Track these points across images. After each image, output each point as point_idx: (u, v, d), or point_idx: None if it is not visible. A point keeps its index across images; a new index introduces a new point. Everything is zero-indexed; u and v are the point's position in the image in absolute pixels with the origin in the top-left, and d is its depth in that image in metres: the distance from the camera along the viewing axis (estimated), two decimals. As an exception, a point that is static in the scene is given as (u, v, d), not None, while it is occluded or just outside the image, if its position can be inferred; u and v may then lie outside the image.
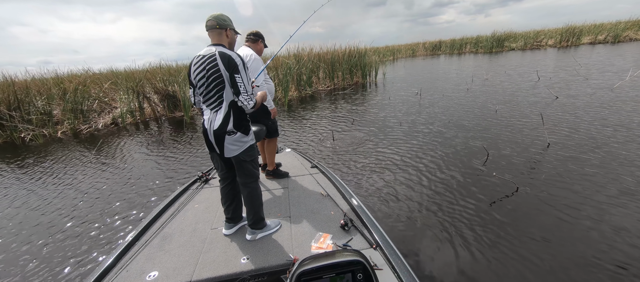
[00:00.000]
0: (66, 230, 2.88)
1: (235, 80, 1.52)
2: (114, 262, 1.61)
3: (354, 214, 1.92)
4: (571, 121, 4.76)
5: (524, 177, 3.15)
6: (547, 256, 2.02)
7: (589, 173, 3.09)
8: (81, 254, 2.45)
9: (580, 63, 10.66)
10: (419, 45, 31.67)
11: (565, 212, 2.48)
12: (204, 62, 1.55)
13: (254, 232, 1.78)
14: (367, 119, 6.31)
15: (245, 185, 1.74)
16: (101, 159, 5.22)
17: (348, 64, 12.00)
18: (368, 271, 0.98)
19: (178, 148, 5.42)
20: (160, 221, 2.02)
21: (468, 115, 5.77)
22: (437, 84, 10.06)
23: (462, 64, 16.38)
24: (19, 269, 2.34)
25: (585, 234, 2.21)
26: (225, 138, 1.59)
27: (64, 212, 3.30)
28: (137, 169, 4.49)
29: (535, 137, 4.25)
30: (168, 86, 8.66)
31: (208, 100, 1.61)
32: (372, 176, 3.52)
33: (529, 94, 6.97)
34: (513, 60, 15.37)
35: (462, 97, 7.43)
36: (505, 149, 3.96)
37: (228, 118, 1.58)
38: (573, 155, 3.55)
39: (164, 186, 3.75)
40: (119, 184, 3.96)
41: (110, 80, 9.09)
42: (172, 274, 1.50)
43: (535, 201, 2.69)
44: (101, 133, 7.38)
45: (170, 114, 8.67)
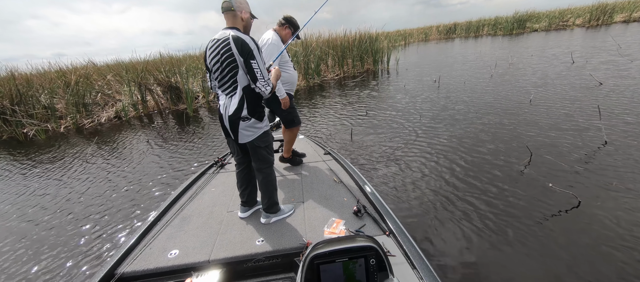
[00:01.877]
0: (87, 218, 2.95)
1: (252, 66, 1.48)
2: (138, 239, 1.68)
3: (367, 201, 1.90)
4: (627, 112, 3.99)
5: (583, 187, 2.52)
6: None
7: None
8: (103, 237, 2.58)
9: (619, 43, 9.43)
10: (432, 28, 29.97)
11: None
12: (219, 46, 1.51)
13: (268, 216, 1.81)
14: (382, 110, 5.69)
15: (260, 170, 1.75)
16: (105, 156, 4.88)
17: (358, 50, 11.18)
18: (381, 256, 0.97)
19: (179, 144, 5.00)
20: (180, 203, 2.08)
21: (496, 106, 5.05)
22: (456, 70, 9.18)
23: (480, 48, 15.16)
24: (54, 247, 2.52)
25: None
26: (240, 124, 1.58)
27: (86, 201, 3.21)
28: (138, 167, 4.10)
29: (586, 133, 3.55)
30: (170, 77, 8.21)
31: (223, 86, 1.59)
32: (389, 170, 2.97)
33: (565, 80, 6.11)
34: (537, 42, 14.06)
35: (487, 85, 6.64)
36: (550, 147, 3.30)
37: (242, 103, 1.56)
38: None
39: (167, 184, 3.33)
40: (124, 182, 3.57)
41: (112, 72, 8.72)
42: (192, 252, 1.56)
43: (604, 229, 2.09)
44: (104, 128, 7.10)
45: (173, 107, 8.29)
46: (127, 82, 7.87)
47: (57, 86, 7.77)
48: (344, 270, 0.96)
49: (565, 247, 1.92)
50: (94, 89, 8.20)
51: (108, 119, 7.68)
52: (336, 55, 11.10)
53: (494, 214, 2.32)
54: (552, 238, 2.01)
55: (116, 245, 2.42)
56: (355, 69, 11.36)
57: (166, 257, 1.55)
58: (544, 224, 2.16)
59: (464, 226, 2.22)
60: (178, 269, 1.49)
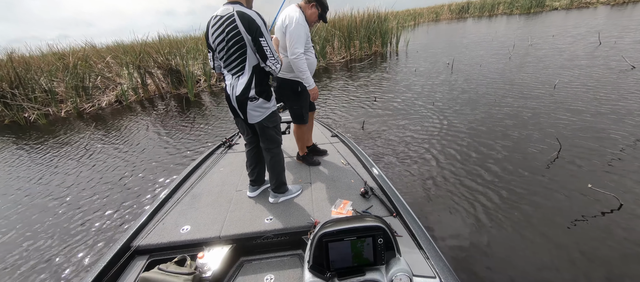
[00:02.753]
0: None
1: (261, 44, 1.41)
2: (151, 215, 1.72)
3: (375, 182, 1.90)
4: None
5: (623, 187, 2.22)
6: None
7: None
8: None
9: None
10: (443, 7, 28.44)
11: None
12: (223, 24, 1.41)
13: (276, 196, 1.82)
14: (392, 96, 5.32)
15: (268, 150, 1.74)
16: (108, 141, 4.71)
17: (366, 31, 10.56)
18: (389, 236, 0.99)
19: (178, 131, 4.78)
20: (189, 182, 2.12)
21: (517, 91, 4.64)
22: (471, 52, 8.60)
23: (496, 28, 14.25)
24: (67, 226, 2.62)
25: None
26: (248, 104, 1.54)
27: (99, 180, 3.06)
28: (141, 154, 3.92)
29: (621, 122, 3.17)
30: (170, 60, 7.89)
31: (229, 65, 1.52)
32: (402, 163, 2.70)
33: (592, 63, 5.59)
34: (558, 21, 13.11)
35: (505, 69, 6.15)
36: (580, 139, 2.96)
37: (250, 83, 1.51)
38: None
39: (167, 170, 3.15)
40: (128, 168, 3.41)
41: (111, 54, 8.42)
42: (203, 228, 1.60)
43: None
44: (105, 112, 6.92)
45: (175, 91, 8.02)
46: (126, 65, 7.58)
47: (56, 69, 7.55)
48: (352, 248, 0.97)
49: (602, 258, 1.65)
50: (94, 71, 7.94)
51: (109, 103, 7.49)
52: (343, 37, 10.52)
53: (512, 208, 2.14)
54: (586, 244, 1.74)
55: (129, 221, 2.53)
56: (362, 51, 10.79)
57: (178, 232, 1.59)
58: (577, 228, 1.89)
59: (480, 218, 2.10)
60: (190, 244, 1.53)
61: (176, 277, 1.22)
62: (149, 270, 1.33)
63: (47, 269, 2.11)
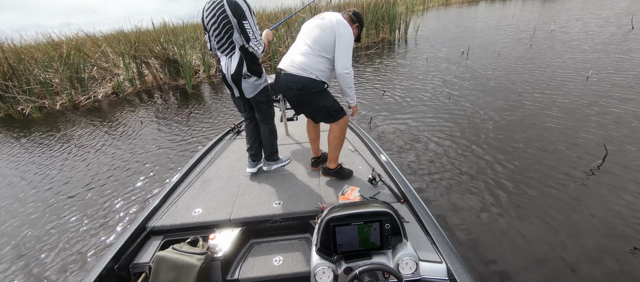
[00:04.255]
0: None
1: (244, 26, 1.51)
2: (164, 198, 1.78)
3: (382, 169, 1.91)
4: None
5: None
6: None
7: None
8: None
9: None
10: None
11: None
12: (214, 7, 1.54)
13: (269, 164, 1.98)
14: (402, 88, 4.83)
15: (264, 122, 1.88)
16: (106, 136, 4.39)
17: (374, 17, 9.88)
18: (396, 222, 1.01)
19: (174, 126, 4.42)
20: (200, 167, 2.16)
21: (542, 84, 4.11)
22: (486, 39, 7.93)
23: (511, 12, 13.30)
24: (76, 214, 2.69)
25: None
26: (242, 81, 1.66)
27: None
28: (136, 150, 3.59)
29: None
30: (167, 50, 7.45)
31: (221, 46, 1.63)
32: (419, 166, 2.31)
33: (625, 51, 4.97)
34: (579, 4, 12.12)
35: (527, 58, 5.56)
36: (626, 144, 2.49)
37: (242, 63, 1.62)
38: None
39: (163, 167, 2.82)
40: (124, 164, 3.10)
41: (106, 43, 8.00)
42: (214, 211, 1.65)
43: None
44: (102, 105, 6.59)
45: (173, 82, 7.62)
46: (121, 55, 7.18)
47: (50, 59, 7.20)
48: (359, 232, 0.99)
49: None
50: (90, 62, 7.57)
51: (105, 95, 7.14)
52: (349, 23, 9.87)
53: (529, 205, 1.94)
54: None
55: (148, 199, 2.63)
56: (369, 38, 10.15)
57: (190, 214, 1.63)
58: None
59: (491, 210, 2.01)
60: (202, 226, 1.58)
61: (189, 256, 1.26)
62: (163, 249, 1.36)
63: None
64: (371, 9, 9.82)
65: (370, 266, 0.92)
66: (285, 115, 2.69)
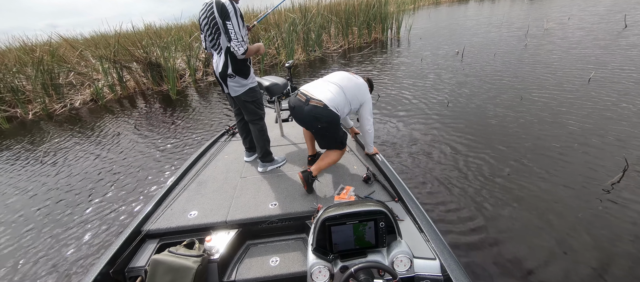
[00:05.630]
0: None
1: (227, 27, 1.60)
2: (159, 201, 1.78)
3: (377, 169, 1.95)
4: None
5: None
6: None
7: None
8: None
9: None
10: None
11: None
12: (206, 10, 1.68)
13: (264, 165, 2.05)
14: (397, 91, 4.66)
15: (252, 122, 1.95)
16: (80, 148, 4.03)
17: (365, 17, 9.63)
18: (390, 220, 1.03)
19: (154, 137, 4.10)
20: (195, 169, 2.18)
21: (544, 87, 3.99)
22: (480, 38, 7.84)
23: (501, 11, 13.34)
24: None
25: None
26: (227, 80, 1.77)
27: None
28: (116, 165, 3.27)
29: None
30: (151, 53, 7.03)
31: (213, 46, 1.77)
32: (419, 184, 2.16)
33: (622, 51, 4.87)
34: (567, 2, 12.17)
35: (523, 58, 5.46)
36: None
37: (227, 62, 1.72)
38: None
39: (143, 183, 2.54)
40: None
41: (83, 48, 7.51)
42: (210, 214, 1.65)
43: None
44: (80, 113, 6.17)
45: (156, 87, 7.24)
46: (100, 59, 6.73)
47: (22, 65, 6.69)
48: (354, 231, 1.02)
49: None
50: (66, 67, 7.08)
51: (83, 103, 6.72)
52: (340, 23, 9.62)
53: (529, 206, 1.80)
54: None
55: (144, 202, 2.57)
56: (361, 39, 9.93)
57: (186, 217, 1.64)
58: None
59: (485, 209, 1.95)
60: (198, 228, 1.59)
61: (186, 259, 1.26)
62: (159, 253, 1.36)
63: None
64: (363, 9, 9.58)
65: (365, 263, 0.94)
66: (280, 116, 2.69)
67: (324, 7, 9.53)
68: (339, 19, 9.66)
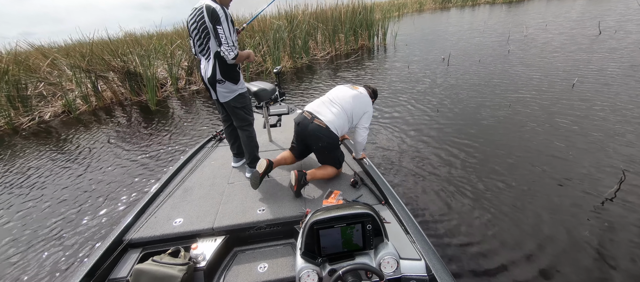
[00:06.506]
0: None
1: (217, 31, 1.61)
2: (142, 209, 1.73)
3: (364, 173, 1.97)
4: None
5: None
6: None
7: None
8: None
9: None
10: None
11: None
12: (196, 14, 1.66)
13: (252, 170, 1.96)
14: (386, 99, 4.63)
15: (241, 128, 1.95)
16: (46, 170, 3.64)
17: (352, 24, 9.62)
18: (377, 223, 1.05)
19: (132, 150, 3.80)
20: (181, 175, 2.12)
21: (529, 92, 4.09)
22: (464, 44, 7.98)
23: (481, 17, 13.80)
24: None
25: None
26: (216, 86, 1.76)
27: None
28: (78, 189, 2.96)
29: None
30: (128, 62, 6.65)
31: (201, 51, 1.75)
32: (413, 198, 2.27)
33: (601, 57, 5.04)
34: (541, 10, 12.85)
35: (507, 64, 5.55)
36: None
37: (216, 68, 1.71)
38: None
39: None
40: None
41: (54, 56, 7.04)
42: (196, 221, 1.61)
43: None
44: (51, 126, 5.71)
45: (136, 97, 6.85)
46: (72, 69, 6.29)
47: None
48: (342, 234, 1.02)
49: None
50: (35, 77, 6.58)
51: (54, 115, 6.25)
52: (326, 30, 9.56)
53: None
54: None
55: (127, 210, 2.44)
56: (348, 46, 9.91)
57: (171, 225, 1.60)
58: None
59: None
60: (183, 236, 1.55)
61: (170, 268, 1.22)
62: (142, 262, 1.31)
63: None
64: (349, 16, 9.57)
65: (353, 266, 0.95)
66: (269, 122, 2.66)
67: (310, 14, 9.46)
68: (325, 25, 9.62)
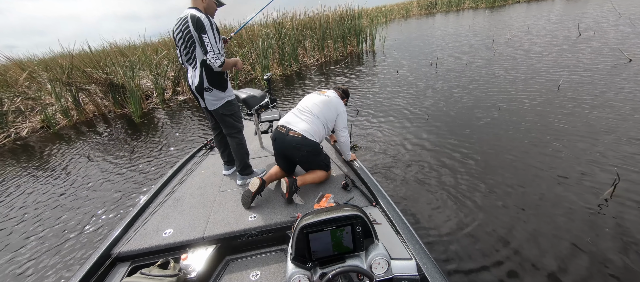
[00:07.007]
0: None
1: (203, 40, 1.62)
2: (131, 222, 1.69)
3: (355, 175, 1.97)
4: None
5: None
6: None
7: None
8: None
9: (620, 12, 8.61)
10: (412, 3, 28.45)
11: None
12: (181, 24, 1.67)
13: (243, 178, 2.01)
14: (376, 103, 4.56)
15: (230, 135, 1.94)
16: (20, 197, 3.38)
17: (340, 30, 9.65)
18: (366, 224, 1.05)
19: (113, 166, 3.60)
20: (171, 186, 2.09)
21: (516, 97, 4.13)
22: (451, 49, 8.09)
23: (466, 22, 14.13)
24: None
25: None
26: (204, 94, 1.76)
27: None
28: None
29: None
30: (111, 73, 6.42)
31: (188, 60, 1.76)
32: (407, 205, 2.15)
33: (583, 58, 5.18)
34: (523, 14, 13.26)
35: (493, 66, 5.63)
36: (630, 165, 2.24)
37: (202, 76, 1.72)
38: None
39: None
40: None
41: (31, 70, 6.74)
42: (186, 231, 1.58)
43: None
44: (29, 142, 5.42)
45: (119, 110, 6.60)
46: (51, 82, 6.03)
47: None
48: (332, 237, 1.02)
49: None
50: (11, 91, 6.27)
51: (32, 131, 5.94)
52: (315, 37, 9.55)
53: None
54: None
55: (115, 224, 2.38)
56: (337, 52, 9.92)
57: (161, 236, 1.56)
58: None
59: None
60: (173, 247, 1.52)
61: (159, 280, 1.20)
62: (131, 276, 1.29)
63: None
64: (337, 23, 9.59)
65: (343, 268, 0.94)
66: (259, 128, 2.63)
67: (298, 22, 9.44)
68: (314, 33, 9.60)
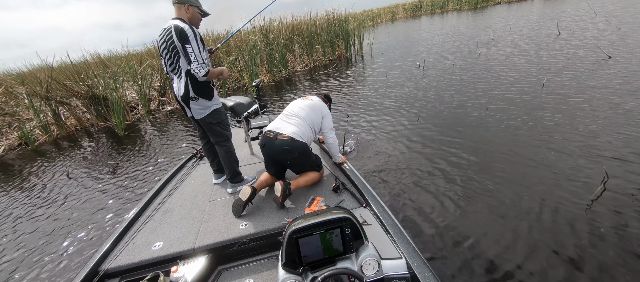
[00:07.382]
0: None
1: (186, 50, 1.63)
2: (119, 236, 1.66)
3: (345, 177, 1.96)
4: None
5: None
6: None
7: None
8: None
9: (595, 11, 8.94)
10: (398, 7, 28.96)
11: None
12: (165, 34, 1.68)
13: (234, 186, 2.00)
14: (366, 106, 4.53)
15: (218, 144, 1.93)
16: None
17: (328, 35, 9.66)
18: (355, 225, 1.05)
19: (95, 182, 3.43)
20: (160, 197, 2.06)
21: (502, 96, 4.20)
22: (437, 50, 8.21)
23: (450, 23, 14.42)
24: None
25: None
26: (190, 103, 1.75)
27: None
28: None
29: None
30: (93, 86, 6.19)
31: (173, 70, 1.76)
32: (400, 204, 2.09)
33: (565, 56, 5.31)
34: (504, 15, 13.66)
35: (479, 67, 5.70)
36: (620, 163, 2.25)
37: (188, 85, 1.72)
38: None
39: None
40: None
41: (5, 85, 6.44)
42: (176, 243, 1.56)
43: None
44: (5, 161, 5.11)
45: (103, 123, 6.36)
46: (28, 97, 5.76)
47: None
48: (322, 241, 1.01)
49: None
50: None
51: (9, 148, 5.63)
52: (303, 42, 9.52)
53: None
54: None
55: (103, 239, 2.33)
56: (326, 57, 9.91)
57: (150, 249, 1.53)
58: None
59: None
60: (163, 260, 1.48)
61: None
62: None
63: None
64: (324, 27, 9.60)
65: (332, 271, 0.94)
66: (249, 135, 2.59)
67: (286, 28, 9.39)
68: (301, 38, 9.57)
